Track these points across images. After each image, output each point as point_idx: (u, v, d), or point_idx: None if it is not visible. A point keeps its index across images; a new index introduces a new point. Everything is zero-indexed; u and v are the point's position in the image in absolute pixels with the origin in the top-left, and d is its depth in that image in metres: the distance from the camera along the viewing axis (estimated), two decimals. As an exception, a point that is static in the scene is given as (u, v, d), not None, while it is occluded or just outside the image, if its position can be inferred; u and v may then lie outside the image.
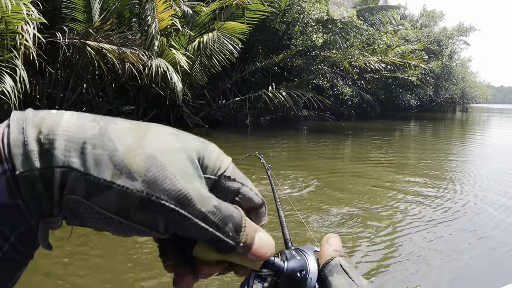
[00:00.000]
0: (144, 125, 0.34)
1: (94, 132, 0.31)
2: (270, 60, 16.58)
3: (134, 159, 0.30)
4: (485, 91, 60.94)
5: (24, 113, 0.30)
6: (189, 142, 0.34)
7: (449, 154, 12.10)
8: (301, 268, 0.51)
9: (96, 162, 0.30)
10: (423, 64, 22.69)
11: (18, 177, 0.28)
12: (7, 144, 0.28)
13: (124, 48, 10.30)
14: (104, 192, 0.30)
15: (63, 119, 0.31)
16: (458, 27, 36.63)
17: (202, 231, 0.32)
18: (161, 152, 0.31)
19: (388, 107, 29.73)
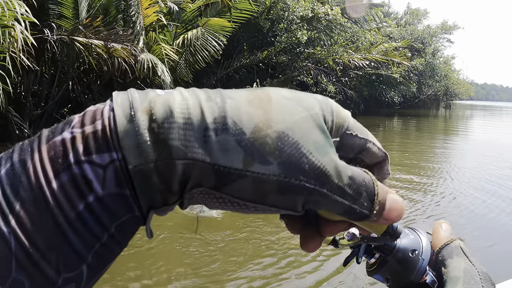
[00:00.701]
0: (262, 92, 0.31)
1: (213, 114, 0.28)
2: (255, 57, 16.87)
3: (265, 140, 0.28)
4: (468, 88, 62.04)
5: (129, 96, 0.29)
6: (312, 104, 0.32)
7: (433, 147, 12.70)
8: (414, 247, 0.50)
9: (223, 149, 0.28)
10: (406, 62, 23.27)
11: (131, 171, 0.27)
12: (115, 133, 0.27)
13: (115, 44, 10.45)
14: (237, 181, 0.28)
15: (176, 102, 0.28)
16: (442, 25, 37.46)
17: (338, 205, 0.31)
18: (291, 126, 0.29)
19: (371, 104, 30.33)
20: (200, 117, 0.28)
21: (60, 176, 0.26)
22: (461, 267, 0.45)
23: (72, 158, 0.27)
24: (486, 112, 54.03)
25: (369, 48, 22.00)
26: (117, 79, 13.04)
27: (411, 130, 18.97)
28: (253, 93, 0.31)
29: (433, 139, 15.77)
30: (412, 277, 0.49)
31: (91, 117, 0.28)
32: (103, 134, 0.27)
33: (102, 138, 0.27)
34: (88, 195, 0.27)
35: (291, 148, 0.28)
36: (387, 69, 25.10)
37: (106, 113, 0.28)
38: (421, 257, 0.49)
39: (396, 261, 0.50)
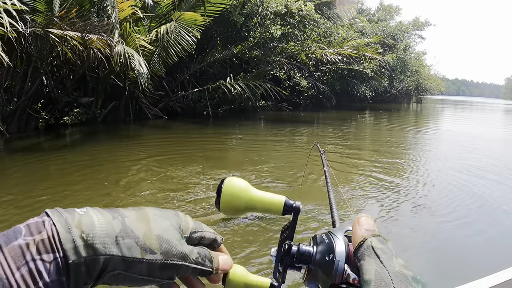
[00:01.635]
0: (142, 212, 0.52)
1: (119, 227, 0.47)
2: (229, 52, 17.23)
3: (150, 241, 0.49)
4: (439, 83, 63.63)
5: (63, 215, 0.45)
6: (171, 218, 0.54)
7: (406, 138, 13.43)
8: (328, 251, 0.56)
9: (128, 248, 0.47)
10: (378, 56, 24.03)
11: (70, 264, 0.43)
12: (59, 240, 0.43)
13: (91, 35, 10.60)
14: (138, 265, 0.47)
15: (95, 220, 0.46)
16: (413, 21, 38.61)
17: (195, 270, 0.54)
18: (163, 231, 0.51)
19: (343, 98, 31.04)
20: (111, 229, 0.46)
21: (21, 269, 0.40)
22: (372, 269, 0.48)
23: (29, 256, 0.41)
24: (457, 106, 55.69)
25: (342, 43, 22.64)
26: (90, 73, 13.12)
27: (383, 122, 19.77)
28: (138, 212, 0.52)
29: (405, 130, 16.62)
30: (333, 279, 0.53)
31: (37, 228, 0.43)
32: (49, 241, 0.42)
33: (49, 243, 0.42)
34: (39, 281, 0.41)
35: (165, 243, 0.50)
36: (359, 64, 25.81)
37: (48, 226, 0.43)
38: (336, 258, 0.54)
39: (318, 267, 0.57)
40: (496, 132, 19.19)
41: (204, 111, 17.14)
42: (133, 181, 6.37)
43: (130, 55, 11.47)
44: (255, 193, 0.61)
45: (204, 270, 0.55)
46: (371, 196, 6.07)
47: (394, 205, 5.70)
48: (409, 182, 7.21)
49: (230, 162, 8.64)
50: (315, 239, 0.61)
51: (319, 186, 6.40)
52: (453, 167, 8.65)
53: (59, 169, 7.18)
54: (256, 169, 7.51)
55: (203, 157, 8.63)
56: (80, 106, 12.90)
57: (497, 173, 8.24)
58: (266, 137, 12.51)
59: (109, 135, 11.63)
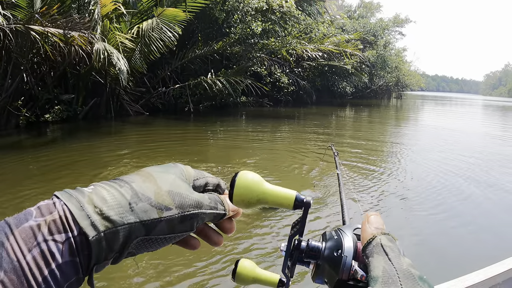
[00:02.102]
0: (145, 173, 0.53)
1: (129, 194, 0.48)
2: (210, 48, 17.39)
3: (163, 198, 0.50)
4: (419, 79, 64.69)
5: (72, 194, 0.46)
6: (174, 171, 0.55)
7: (387, 131, 13.85)
8: (337, 247, 0.59)
9: (143, 211, 0.47)
10: (358, 52, 24.47)
11: (91, 241, 0.43)
12: (72, 218, 0.43)
13: (72, 32, 10.65)
14: (158, 225, 0.49)
15: (105, 194, 0.47)
16: (394, 18, 39.23)
17: (211, 215, 0.56)
18: (171, 185, 0.52)
19: (324, 94, 31.49)
20: (123, 198, 0.47)
21: (32, 251, 0.40)
22: (380, 266, 0.49)
23: (40, 237, 0.41)
24: (437, 102, 56.82)
25: (322, 39, 22.98)
26: (71, 70, 13.14)
27: (364, 117, 20.24)
28: (142, 174, 0.53)
29: (385, 124, 17.09)
30: (340, 274, 0.56)
31: (48, 210, 0.43)
32: (61, 221, 0.43)
33: (60, 223, 0.42)
34: (52, 263, 0.41)
35: (178, 196, 0.51)
36: (339, 60, 26.20)
37: (59, 207, 0.44)
38: (343, 254, 0.56)
39: (326, 263, 0.59)
40: (475, 125, 19.99)
41: (185, 107, 17.32)
42: (114, 176, 6.55)
43: (110, 53, 11.55)
44: (267, 187, 0.62)
45: (218, 213, 0.57)
46: (358, 187, 6.36)
47: (382, 197, 6.04)
48: (394, 174, 7.54)
49: (211, 157, 8.89)
50: (324, 236, 0.64)
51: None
52: (436, 159, 9.08)
53: (41, 167, 7.27)
54: (238, 163, 7.76)
55: (184, 153, 8.88)
56: (61, 103, 12.93)
57: (480, 165, 8.80)
58: (247, 132, 12.76)
59: (91, 132, 11.74)
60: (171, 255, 3.86)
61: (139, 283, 3.44)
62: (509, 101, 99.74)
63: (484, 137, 14.73)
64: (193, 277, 3.57)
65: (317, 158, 8.55)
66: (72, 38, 10.83)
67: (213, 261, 3.82)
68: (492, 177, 7.72)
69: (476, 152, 10.50)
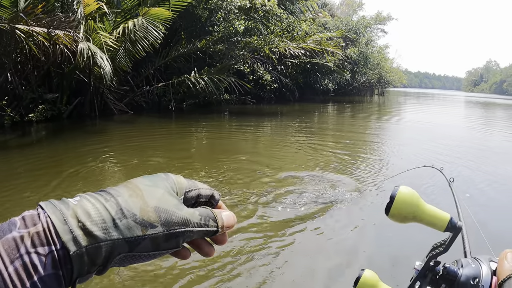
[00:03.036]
0: (133, 186, 0.52)
1: (114, 209, 0.47)
2: (193, 46, 17.75)
3: (148, 215, 0.49)
4: (401, 76, 65.86)
5: (57, 206, 0.46)
6: (163, 184, 0.54)
7: (370, 126, 14.41)
8: (474, 276, 0.58)
9: (127, 228, 0.47)
10: (339, 51, 25.02)
11: (72, 255, 0.43)
12: (55, 232, 0.43)
13: (57, 31, 10.84)
14: (142, 243, 0.48)
15: (90, 208, 0.47)
16: (376, 16, 39.88)
17: (200, 233, 0.54)
18: (158, 201, 0.51)
19: (307, 91, 31.96)
20: (107, 213, 0.47)
21: (14, 263, 0.40)
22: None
23: (23, 250, 0.41)
24: (419, 98, 57.83)
25: (304, 37, 23.42)
26: (55, 69, 13.32)
27: (347, 113, 20.80)
28: (129, 187, 0.52)
29: (369, 119, 17.67)
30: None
31: (32, 221, 0.44)
32: (44, 233, 0.43)
33: (44, 236, 0.43)
34: (34, 275, 0.41)
35: (164, 213, 0.51)
36: (321, 58, 26.71)
37: (43, 218, 0.44)
38: (481, 283, 0.57)
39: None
40: (457, 119, 20.82)
41: (169, 106, 17.61)
42: (99, 174, 6.92)
43: (94, 52, 11.74)
44: (424, 205, 0.62)
45: (209, 231, 0.56)
46: (342, 180, 6.74)
47: (366, 187, 6.34)
48: (376, 165, 7.96)
49: (194, 154, 9.24)
50: (459, 262, 0.64)
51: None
52: (419, 152, 9.57)
53: (27, 166, 7.42)
54: (221, 158, 8.11)
55: (167, 149, 9.23)
56: (45, 103, 13.15)
57: (464, 158, 9.39)
58: (231, 129, 13.16)
59: (75, 131, 12.01)
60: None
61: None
62: (490, 97, 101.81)
63: (467, 130, 15.43)
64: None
65: (310, 152, 8.92)
66: (57, 36, 11.02)
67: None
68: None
69: (459, 144, 11.08)
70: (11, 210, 5.02)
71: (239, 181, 6.62)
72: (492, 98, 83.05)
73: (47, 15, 11.06)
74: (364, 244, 4.48)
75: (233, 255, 4.02)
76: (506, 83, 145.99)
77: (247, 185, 6.40)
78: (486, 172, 8.18)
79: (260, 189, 6.11)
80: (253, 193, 5.90)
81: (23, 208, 0.58)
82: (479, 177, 7.73)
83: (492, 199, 6.43)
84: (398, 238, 4.68)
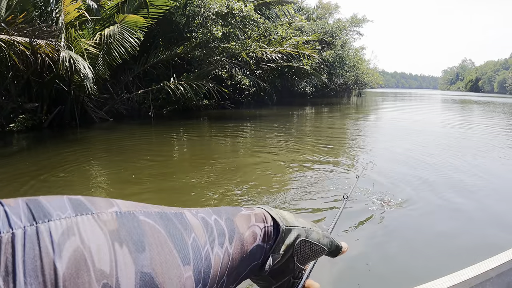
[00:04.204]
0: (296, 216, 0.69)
1: (294, 217, 0.68)
2: (171, 52, 18.15)
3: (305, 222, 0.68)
4: (377, 77, 67.19)
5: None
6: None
7: (348, 126, 14.91)
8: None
9: (302, 224, 0.67)
10: (315, 54, 25.72)
11: (281, 228, 0.61)
12: (267, 215, 0.61)
13: (39, 40, 11.12)
14: (311, 233, 0.68)
15: (283, 212, 0.66)
16: (351, 18, 40.81)
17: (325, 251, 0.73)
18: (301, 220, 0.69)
19: (285, 94, 32.66)
20: (291, 216, 0.68)
21: (249, 229, 0.57)
22: None
23: (252, 222, 0.58)
24: (396, 97, 58.90)
25: (281, 42, 24.02)
26: (35, 78, 13.55)
27: (324, 115, 21.36)
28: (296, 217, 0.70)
29: (346, 119, 18.27)
30: None
31: (249, 208, 0.60)
32: (260, 215, 0.60)
33: (260, 217, 0.60)
34: (255, 241, 0.57)
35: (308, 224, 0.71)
36: (298, 61, 27.36)
37: (269, 219, 0.61)
38: None
39: None
40: (433, 117, 21.68)
41: (148, 112, 17.91)
42: (86, 182, 7.22)
43: (75, 60, 12.04)
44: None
45: (332, 251, 0.76)
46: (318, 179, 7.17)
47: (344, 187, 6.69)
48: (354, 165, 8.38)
49: (175, 158, 9.61)
50: None
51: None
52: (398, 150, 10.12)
53: (10, 176, 7.53)
54: (203, 162, 8.50)
55: (147, 154, 9.58)
56: (25, 112, 13.37)
57: (442, 155, 9.81)
58: (211, 134, 13.58)
59: (56, 140, 12.26)
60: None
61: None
62: (465, 94, 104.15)
63: (443, 127, 16.09)
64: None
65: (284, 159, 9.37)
66: (38, 46, 11.30)
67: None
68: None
69: (437, 141, 11.67)
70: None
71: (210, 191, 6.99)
72: (467, 96, 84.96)
73: (27, 24, 11.35)
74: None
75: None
76: (481, 81, 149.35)
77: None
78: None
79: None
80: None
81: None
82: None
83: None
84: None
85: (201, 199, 5.90)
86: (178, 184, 6.85)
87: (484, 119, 22.47)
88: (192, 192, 6.27)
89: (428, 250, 4.31)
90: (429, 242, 4.51)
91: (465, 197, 6.22)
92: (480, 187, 6.90)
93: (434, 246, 4.40)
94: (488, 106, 37.97)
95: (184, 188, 6.53)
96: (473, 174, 7.82)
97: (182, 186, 6.67)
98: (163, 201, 5.91)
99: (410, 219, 5.22)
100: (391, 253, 4.22)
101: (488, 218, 5.38)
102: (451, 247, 4.36)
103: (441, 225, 5.00)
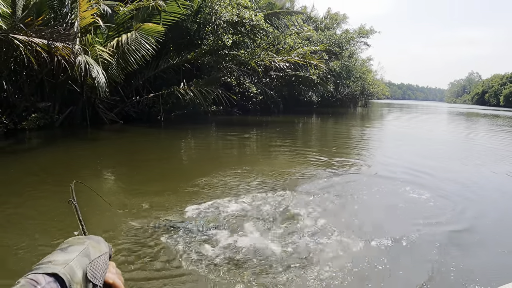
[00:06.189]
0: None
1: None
2: (182, 58, 18.46)
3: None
4: (383, 88, 67.34)
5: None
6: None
7: (355, 134, 15.08)
8: None
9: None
10: (323, 64, 25.97)
11: (61, 277, 0.68)
12: (42, 275, 0.65)
13: (57, 43, 11.41)
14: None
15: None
16: (359, 29, 40.93)
17: None
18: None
19: (291, 103, 32.97)
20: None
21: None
22: None
23: None
24: (402, 109, 59.10)
25: (289, 51, 24.31)
26: (48, 78, 13.85)
27: (329, 124, 21.59)
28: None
29: (351, 127, 18.49)
30: None
31: (33, 286, 0.66)
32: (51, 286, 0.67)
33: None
34: None
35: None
36: (305, 70, 27.64)
37: (41, 280, 0.67)
38: None
39: None
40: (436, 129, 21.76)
41: (158, 116, 18.20)
42: (94, 183, 7.46)
43: (90, 65, 12.34)
44: None
45: None
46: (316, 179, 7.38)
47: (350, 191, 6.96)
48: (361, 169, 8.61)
49: (183, 161, 9.87)
50: None
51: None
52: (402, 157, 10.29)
53: (20, 172, 7.76)
54: (209, 165, 8.74)
55: (156, 160, 9.82)
56: (37, 111, 13.67)
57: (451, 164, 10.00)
58: (217, 139, 13.84)
59: (67, 139, 12.52)
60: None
61: None
62: (472, 108, 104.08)
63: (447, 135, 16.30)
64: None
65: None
66: (56, 48, 11.59)
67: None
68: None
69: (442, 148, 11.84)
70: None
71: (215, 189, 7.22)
72: (473, 109, 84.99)
73: (45, 27, 11.66)
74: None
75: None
76: (488, 94, 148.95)
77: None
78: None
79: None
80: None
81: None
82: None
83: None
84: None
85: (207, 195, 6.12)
86: (191, 184, 7.01)
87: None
88: (201, 195, 6.47)
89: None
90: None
91: None
92: None
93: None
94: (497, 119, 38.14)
95: (199, 191, 6.74)
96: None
97: (196, 187, 6.89)
98: (170, 199, 6.13)
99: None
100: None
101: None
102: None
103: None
